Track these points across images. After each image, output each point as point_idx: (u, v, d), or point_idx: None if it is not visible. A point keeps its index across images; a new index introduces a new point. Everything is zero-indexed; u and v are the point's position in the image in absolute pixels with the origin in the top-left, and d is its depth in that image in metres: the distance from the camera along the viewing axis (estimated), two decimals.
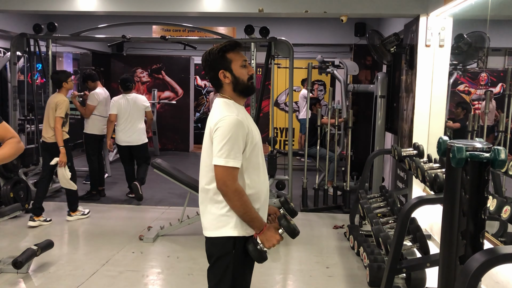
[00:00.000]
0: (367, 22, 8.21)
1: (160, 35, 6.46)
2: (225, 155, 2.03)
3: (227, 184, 2.05)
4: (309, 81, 6.56)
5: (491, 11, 3.70)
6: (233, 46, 2.18)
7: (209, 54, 2.18)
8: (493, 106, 5.78)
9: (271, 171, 6.25)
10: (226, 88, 2.19)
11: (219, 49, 2.15)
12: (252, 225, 2.12)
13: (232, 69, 2.16)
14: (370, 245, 4.22)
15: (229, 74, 2.16)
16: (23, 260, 3.76)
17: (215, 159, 2.06)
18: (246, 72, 2.19)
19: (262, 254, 2.13)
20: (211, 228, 2.17)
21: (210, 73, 2.20)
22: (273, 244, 2.12)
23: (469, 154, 1.92)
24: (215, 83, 2.22)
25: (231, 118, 2.06)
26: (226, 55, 2.15)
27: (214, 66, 2.16)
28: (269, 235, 2.12)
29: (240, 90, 2.19)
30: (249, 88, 2.21)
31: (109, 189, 6.96)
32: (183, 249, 4.53)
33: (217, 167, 2.06)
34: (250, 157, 2.13)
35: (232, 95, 2.19)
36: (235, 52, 2.18)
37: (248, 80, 2.20)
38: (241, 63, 2.17)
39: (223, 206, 2.12)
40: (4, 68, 7.26)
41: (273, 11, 5.29)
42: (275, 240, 2.12)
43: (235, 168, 2.05)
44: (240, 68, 2.17)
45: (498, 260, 1.75)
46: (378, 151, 5.74)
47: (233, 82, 2.17)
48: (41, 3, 5.53)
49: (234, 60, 2.16)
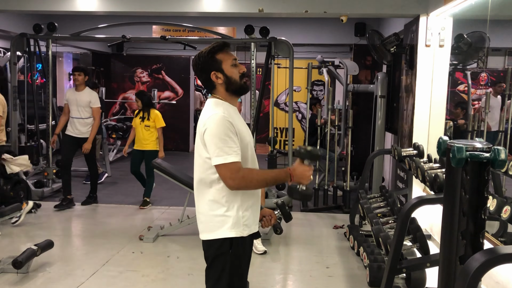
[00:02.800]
0: (367, 22, 8.21)
1: (160, 35, 6.47)
2: (221, 152, 2.03)
3: (233, 178, 2.05)
4: (309, 81, 6.56)
5: (491, 11, 3.70)
6: (222, 46, 2.19)
7: (198, 57, 2.19)
8: (499, 103, 5.70)
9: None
10: (219, 89, 2.20)
11: (208, 51, 2.17)
12: (281, 179, 2.16)
13: (223, 69, 2.17)
14: (370, 245, 4.22)
15: (221, 75, 2.17)
16: (23, 260, 3.75)
17: (213, 159, 2.06)
18: (237, 71, 2.19)
19: (307, 192, 2.15)
20: (206, 230, 2.17)
21: (202, 76, 2.21)
22: (310, 175, 2.12)
23: (469, 154, 1.92)
24: (208, 85, 2.22)
25: (217, 115, 2.07)
26: (216, 56, 2.16)
27: (205, 68, 2.18)
28: (299, 172, 2.11)
29: (233, 90, 2.20)
30: (242, 87, 2.22)
31: (109, 189, 6.97)
32: (183, 249, 4.53)
33: (218, 166, 2.06)
34: (243, 157, 2.13)
35: (225, 95, 2.20)
36: (224, 52, 2.18)
37: (240, 79, 2.20)
38: (231, 63, 2.18)
39: (219, 207, 2.13)
40: (4, 68, 7.26)
41: (273, 11, 5.29)
42: (307, 172, 2.11)
43: (236, 162, 2.05)
44: (231, 68, 2.18)
45: (498, 260, 1.75)
46: (378, 151, 5.75)
47: (226, 82, 2.18)
48: (41, 3, 5.53)
49: (224, 60, 2.17)
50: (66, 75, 12.24)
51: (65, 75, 12.20)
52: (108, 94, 10.43)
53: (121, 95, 11.11)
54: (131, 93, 10.98)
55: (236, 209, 2.13)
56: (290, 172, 2.11)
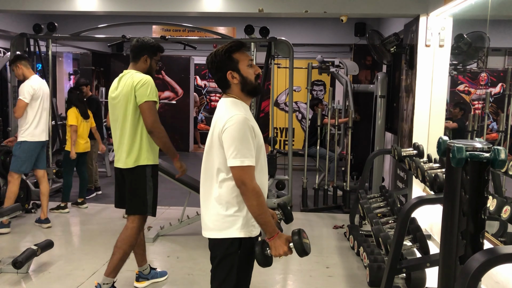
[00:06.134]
0: (367, 22, 8.21)
1: (160, 35, 6.46)
2: (239, 155, 2.02)
3: (246, 182, 2.04)
4: (309, 81, 6.56)
5: (491, 11, 3.70)
6: (239, 46, 2.18)
7: (215, 55, 2.17)
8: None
9: (271, 171, 6.25)
10: (234, 88, 2.18)
11: (225, 50, 2.15)
12: (265, 228, 2.09)
13: (240, 69, 2.16)
14: (370, 245, 4.22)
15: (237, 75, 2.16)
16: (23, 260, 3.76)
17: (230, 160, 2.04)
18: (253, 72, 2.19)
19: (267, 259, 2.11)
20: (215, 229, 2.15)
21: (217, 74, 2.19)
22: (279, 253, 2.09)
23: (469, 154, 1.92)
24: (223, 84, 2.20)
25: (240, 117, 2.06)
26: (233, 55, 2.15)
27: (222, 67, 2.16)
28: (278, 243, 2.09)
29: (248, 90, 2.19)
30: (257, 88, 2.22)
31: (109, 189, 6.96)
32: (183, 249, 4.52)
33: (233, 168, 2.04)
34: (256, 159, 2.12)
35: (240, 95, 2.19)
36: (241, 52, 2.18)
37: (255, 80, 2.20)
38: (247, 63, 2.17)
39: (230, 207, 2.12)
40: (4, 68, 7.25)
41: (273, 11, 5.29)
42: (282, 250, 2.09)
43: (251, 167, 2.05)
44: (247, 68, 2.17)
45: (498, 260, 1.75)
46: (378, 151, 5.75)
47: (241, 82, 2.17)
48: (41, 3, 5.53)
49: (241, 60, 2.16)
50: (66, 75, 12.26)
51: (65, 75, 12.21)
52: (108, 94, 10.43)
53: None
54: None
55: (246, 210, 2.12)
56: (274, 235, 2.09)
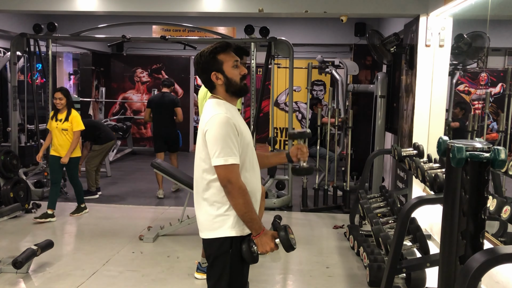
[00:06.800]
0: (367, 22, 8.21)
1: (160, 35, 6.47)
2: (222, 153, 2.04)
3: (231, 181, 2.05)
4: (309, 81, 6.56)
5: (491, 11, 3.70)
6: (224, 47, 2.18)
7: (200, 56, 2.19)
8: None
9: (271, 171, 6.25)
10: (219, 89, 2.20)
11: (210, 51, 2.16)
12: (251, 226, 2.11)
13: (224, 70, 2.16)
14: (370, 245, 4.22)
15: (221, 76, 2.17)
16: (23, 260, 3.76)
17: (214, 160, 2.06)
18: (238, 73, 2.19)
19: (253, 256, 2.14)
20: (208, 229, 2.17)
21: (202, 76, 2.22)
22: (266, 250, 2.12)
23: (469, 154, 1.92)
24: (208, 85, 2.23)
25: (220, 116, 2.07)
26: (217, 56, 2.16)
27: (206, 68, 2.18)
28: (264, 240, 2.11)
29: (232, 91, 2.20)
30: (242, 89, 2.22)
31: (109, 189, 6.96)
32: (183, 249, 4.52)
33: (217, 167, 2.06)
34: (243, 157, 2.14)
35: (225, 96, 2.20)
36: (226, 53, 2.18)
37: (240, 81, 2.20)
38: (232, 64, 2.18)
39: (220, 207, 2.13)
40: (4, 68, 7.26)
41: (273, 11, 5.29)
42: (269, 247, 2.12)
43: (235, 165, 2.06)
44: (232, 69, 2.18)
45: (498, 260, 1.75)
46: (378, 151, 5.75)
47: (226, 83, 2.18)
48: (41, 3, 5.53)
49: (225, 61, 2.16)
50: (66, 75, 12.26)
51: (65, 75, 12.21)
52: (108, 94, 10.44)
53: (121, 95, 11.10)
54: (131, 93, 10.98)
55: None
56: (260, 232, 2.10)
